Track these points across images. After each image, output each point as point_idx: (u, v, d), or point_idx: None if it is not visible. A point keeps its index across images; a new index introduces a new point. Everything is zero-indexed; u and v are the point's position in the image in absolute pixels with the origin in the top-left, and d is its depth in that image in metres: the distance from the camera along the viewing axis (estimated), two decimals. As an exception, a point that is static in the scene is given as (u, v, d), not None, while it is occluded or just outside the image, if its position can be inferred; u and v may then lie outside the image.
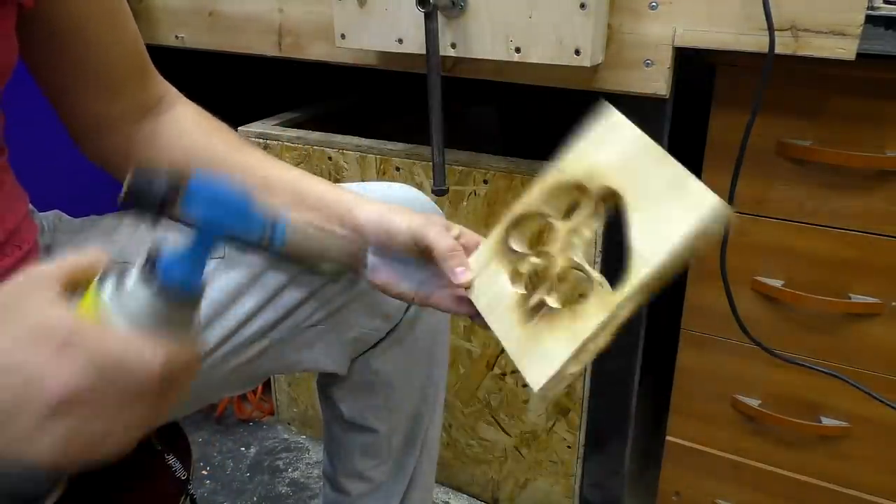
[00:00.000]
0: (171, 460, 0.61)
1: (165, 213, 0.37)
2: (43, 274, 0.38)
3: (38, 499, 0.47)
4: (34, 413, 0.34)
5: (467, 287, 0.55)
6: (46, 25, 0.57)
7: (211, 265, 0.62)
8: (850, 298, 0.86)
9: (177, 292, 0.37)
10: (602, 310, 0.46)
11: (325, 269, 0.44)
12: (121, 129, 0.65)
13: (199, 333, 0.40)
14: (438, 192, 0.84)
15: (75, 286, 0.38)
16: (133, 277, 0.37)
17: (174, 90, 0.70)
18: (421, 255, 0.57)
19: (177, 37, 1.12)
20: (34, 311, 0.36)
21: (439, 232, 0.56)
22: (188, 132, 0.67)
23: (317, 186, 0.63)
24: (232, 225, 0.38)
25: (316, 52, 1.01)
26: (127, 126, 0.65)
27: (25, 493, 0.42)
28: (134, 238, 0.65)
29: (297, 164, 1.14)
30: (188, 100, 0.70)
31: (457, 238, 0.57)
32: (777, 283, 0.89)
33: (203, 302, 0.40)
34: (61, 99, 0.64)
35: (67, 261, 0.39)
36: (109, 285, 0.38)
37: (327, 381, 0.82)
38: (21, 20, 0.55)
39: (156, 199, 0.36)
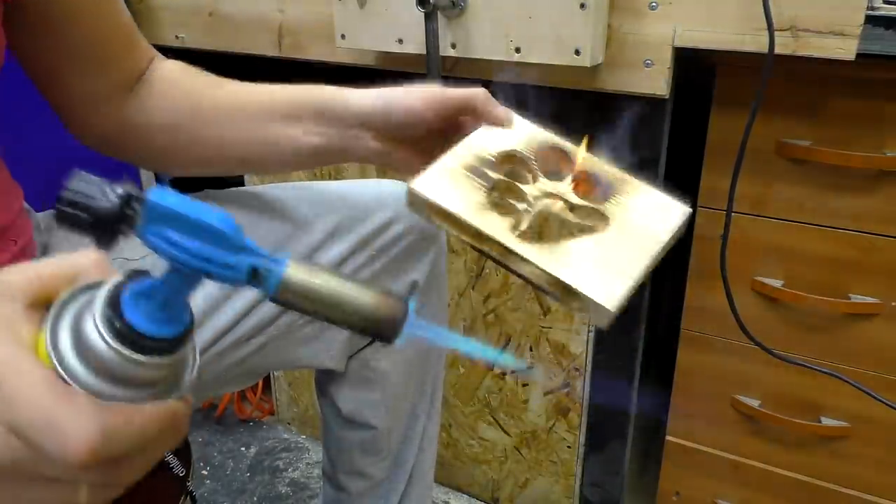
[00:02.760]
0: (170, 457, 0.61)
1: (115, 237, 0.28)
2: (9, 284, 0.30)
3: None
4: None
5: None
6: (34, 11, 0.56)
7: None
8: (849, 298, 0.86)
9: (145, 341, 0.29)
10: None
11: (347, 325, 0.33)
12: (113, 100, 0.64)
13: (187, 384, 0.32)
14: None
15: (50, 300, 0.30)
16: (93, 316, 0.29)
17: (158, 53, 0.68)
18: (434, 122, 0.54)
19: (177, 37, 1.12)
20: None
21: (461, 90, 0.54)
22: (177, 81, 0.66)
23: (306, 92, 0.60)
24: (208, 258, 0.29)
25: (316, 52, 1.01)
26: (119, 96, 0.64)
27: None
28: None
29: (297, 164, 1.14)
30: (173, 59, 0.69)
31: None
32: (777, 283, 0.89)
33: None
34: (52, 82, 0.62)
35: (46, 267, 0.31)
36: (71, 313, 0.30)
37: (325, 379, 0.82)
38: (7, 11, 0.54)
39: (103, 217, 0.28)
